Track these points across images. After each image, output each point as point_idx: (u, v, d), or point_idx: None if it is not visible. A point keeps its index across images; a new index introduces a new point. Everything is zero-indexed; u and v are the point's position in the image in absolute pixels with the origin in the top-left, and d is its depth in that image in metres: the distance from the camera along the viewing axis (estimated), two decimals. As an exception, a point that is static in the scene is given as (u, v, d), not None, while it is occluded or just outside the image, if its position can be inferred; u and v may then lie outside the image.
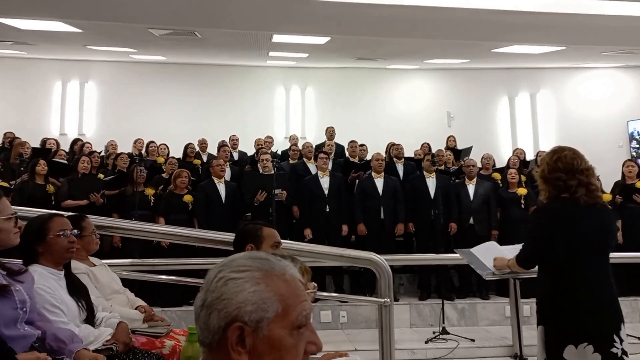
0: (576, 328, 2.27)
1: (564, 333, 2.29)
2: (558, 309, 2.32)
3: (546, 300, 2.38)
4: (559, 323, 2.31)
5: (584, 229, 2.32)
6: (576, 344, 2.25)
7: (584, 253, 2.32)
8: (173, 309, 4.89)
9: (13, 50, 9.00)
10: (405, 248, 6.12)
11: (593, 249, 2.34)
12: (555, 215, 2.36)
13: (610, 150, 9.21)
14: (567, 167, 2.35)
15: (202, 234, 3.72)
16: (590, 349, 2.23)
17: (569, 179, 2.33)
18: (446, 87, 10.58)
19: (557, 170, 2.36)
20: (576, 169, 2.34)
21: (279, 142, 9.10)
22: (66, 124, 9.93)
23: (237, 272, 0.92)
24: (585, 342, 2.24)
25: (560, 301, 2.32)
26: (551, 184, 2.38)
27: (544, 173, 2.41)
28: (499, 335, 5.06)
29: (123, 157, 6.46)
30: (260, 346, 0.89)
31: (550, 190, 2.39)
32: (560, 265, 2.34)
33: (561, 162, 2.36)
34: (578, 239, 2.32)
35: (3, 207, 1.93)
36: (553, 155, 2.41)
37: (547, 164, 2.40)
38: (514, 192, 5.85)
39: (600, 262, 2.36)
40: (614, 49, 7.92)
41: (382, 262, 3.24)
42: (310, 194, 5.79)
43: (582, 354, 2.24)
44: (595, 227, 2.34)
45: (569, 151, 2.40)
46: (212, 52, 8.75)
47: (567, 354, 2.25)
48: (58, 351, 1.97)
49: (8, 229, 1.93)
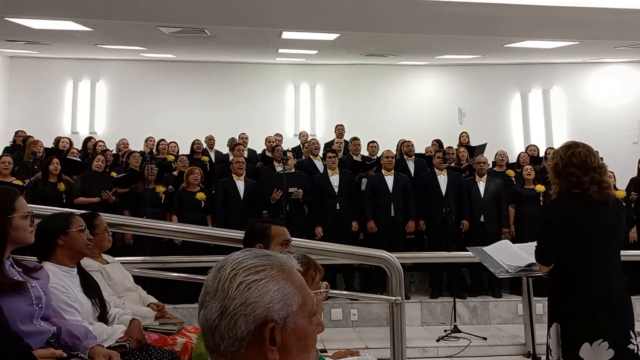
0: (592, 325, 2.26)
1: (580, 331, 2.28)
2: (573, 306, 2.31)
3: (560, 298, 2.37)
4: (574, 321, 2.30)
5: (594, 225, 2.32)
6: (591, 342, 2.25)
7: (596, 249, 2.32)
8: (185, 306, 4.93)
9: (25, 50, 9.11)
10: (416, 246, 6.09)
11: (604, 244, 2.34)
12: (566, 210, 2.36)
13: (625, 147, 9.08)
14: (580, 163, 2.35)
15: (213, 232, 3.72)
16: (606, 345, 2.24)
17: (582, 176, 2.33)
18: (457, 83, 10.49)
19: (571, 165, 2.35)
20: (589, 166, 2.34)
21: (289, 139, 9.09)
22: (78, 122, 10.03)
23: (254, 273, 0.91)
24: (601, 338, 2.24)
25: (576, 298, 2.31)
26: (564, 178, 2.38)
27: (558, 167, 2.40)
28: (512, 333, 5.02)
29: (135, 155, 6.51)
30: (289, 340, 0.91)
31: (562, 185, 2.39)
32: (571, 262, 2.34)
33: (575, 158, 2.36)
34: (589, 235, 2.32)
35: (20, 206, 1.95)
36: (567, 150, 2.40)
37: (561, 158, 2.40)
38: (532, 189, 5.77)
39: (611, 258, 2.36)
40: (628, 43, 7.79)
41: (393, 259, 3.21)
42: (320, 191, 5.78)
43: (597, 351, 2.24)
44: (605, 223, 2.34)
45: (583, 148, 2.40)
46: (222, 50, 8.76)
47: (583, 352, 2.25)
48: (73, 347, 1.99)
49: (24, 227, 1.95)
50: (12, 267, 1.96)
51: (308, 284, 1.02)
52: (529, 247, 3.12)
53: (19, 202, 1.96)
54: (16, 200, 1.96)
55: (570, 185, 2.36)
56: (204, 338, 0.94)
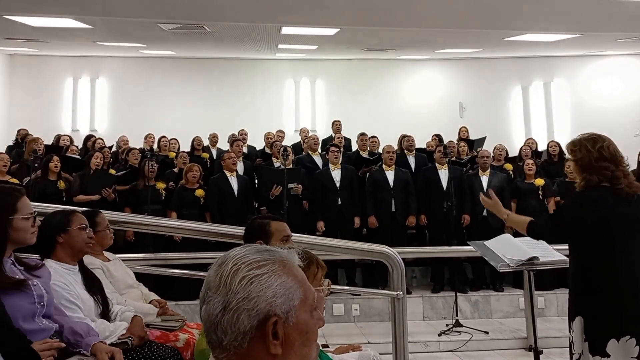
0: (620, 321, 2.23)
1: (607, 326, 2.25)
2: (600, 300, 2.27)
3: (586, 291, 2.33)
4: (601, 315, 2.26)
5: (622, 218, 2.30)
6: (618, 338, 2.22)
7: (623, 242, 2.30)
8: (187, 303, 4.94)
9: (25, 48, 9.09)
10: (418, 240, 6.09)
11: (630, 237, 2.32)
12: (594, 204, 2.32)
13: (627, 140, 9.02)
14: (612, 157, 2.33)
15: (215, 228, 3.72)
16: (633, 342, 2.21)
17: (616, 170, 2.31)
18: (458, 77, 10.46)
19: (604, 159, 2.32)
20: (619, 160, 2.34)
21: (289, 135, 9.08)
22: (78, 120, 10.03)
23: (256, 268, 0.92)
24: (628, 335, 2.21)
25: (602, 293, 2.27)
26: (596, 172, 2.33)
27: (586, 161, 2.35)
28: (513, 327, 5.03)
29: (134, 152, 6.50)
30: (291, 334, 0.91)
31: (592, 179, 2.34)
32: (599, 255, 2.30)
33: (605, 152, 2.33)
34: (617, 228, 2.29)
35: (22, 206, 1.94)
36: (595, 144, 2.36)
37: (589, 152, 2.35)
38: (531, 183, 5.77)
39: (637, 251, 2.33)
40: (630, 35, 7.75)
41: (394, 254, 3.22)
42: (322, 187, 5.78)
43: (624, 347, 2.21)
44: (634, 216, 2.32)
45: (608, 141, 2.38)
46: (221, 46, 8.74)
47: (610, 348, 2.22)
48: (75, 344, 1.99)
49: (25, 228, 1.94)
50: (14, 266, 1.96)
51: (310, 281, 1.02)
52: (530, 240, 3.11)
53: (21, 203, 1.94)
54: (19, 200, 1.94)
55: (602, 179, 2.32)
56: (206, 333, 0.94)
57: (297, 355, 0.92)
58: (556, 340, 4.53)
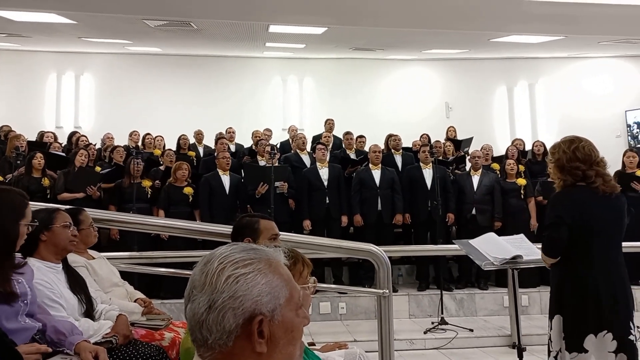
0: (597, 317, 2.29)
1: (585, 322, 2.31)
2: (579, 297, 2.33)
3: (566, 289, 2.38)
4: (580, 312, 2.32)
5: (600, 217, 2.35)
6: (596, 333, 2.28)
7: (601, 240, 2.35)
8: (172, 302, 4.90)
9: (7, 43, 8.92)
10: (404, 239, 6.13)
11: (608, 236, 2.38)
12: (572, 203, 2.38)
13: (609, 140, 9.20)
14: (585, 157, 2.39)
15: (200, 227, 3.71)
16: (610, 337, 2.27)
17: (587, 169, 2.37)
18: (444, 77, 10.54)
19: (576, 160, 2.39)
20: (593, 160, 2.39)
21: (277, 133, 9.06)
22: (62, 117, 9.86)
23: (242, 267, 0.91)
24: (605, 330, 2.28)
25: (582, 290, 2.33)
26: (569, 172, 2.40)
27: (562, 162, 2.43)
28: (498, 325, 5.09)
29: (119, 150, 6.43)
30: (276, 332, 0.91)
31: (567, 179, 2.42)
32: (578, 253, 2.36)
33: (579, 152, 2.40)
34: (595, 226, 2.35)
35: (28, 213, 1.97)
36: (570, 145, 2.43)
37: (564, 153, 2.43)
38: (513, 183, 5.86)
39: (614, 249, 2.39)
40: (612, 38, 7.90)
41: (380, 253, 3.23)
42: (309, 185, 5.78)
43: (602, 342, 2.27)
44: (610, 214, 2.38)
45: (586, 142, 2.45)
46: (208, 43, 8.68)
47: (587, 343, 2.28)
48: (58, 343, 1.97)
49: (23, 234, 1.96)
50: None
51: (295, 278, 1.02)
52: (514, 239, 3.16)
53: (28, 210, 1.97)
54: (26, 207, 1.97)
55: (575, 179, 2.40)
56: (190, 332, 0.94)
57: (282, 353, 0.92)
58: (539, 337, 4.59)
